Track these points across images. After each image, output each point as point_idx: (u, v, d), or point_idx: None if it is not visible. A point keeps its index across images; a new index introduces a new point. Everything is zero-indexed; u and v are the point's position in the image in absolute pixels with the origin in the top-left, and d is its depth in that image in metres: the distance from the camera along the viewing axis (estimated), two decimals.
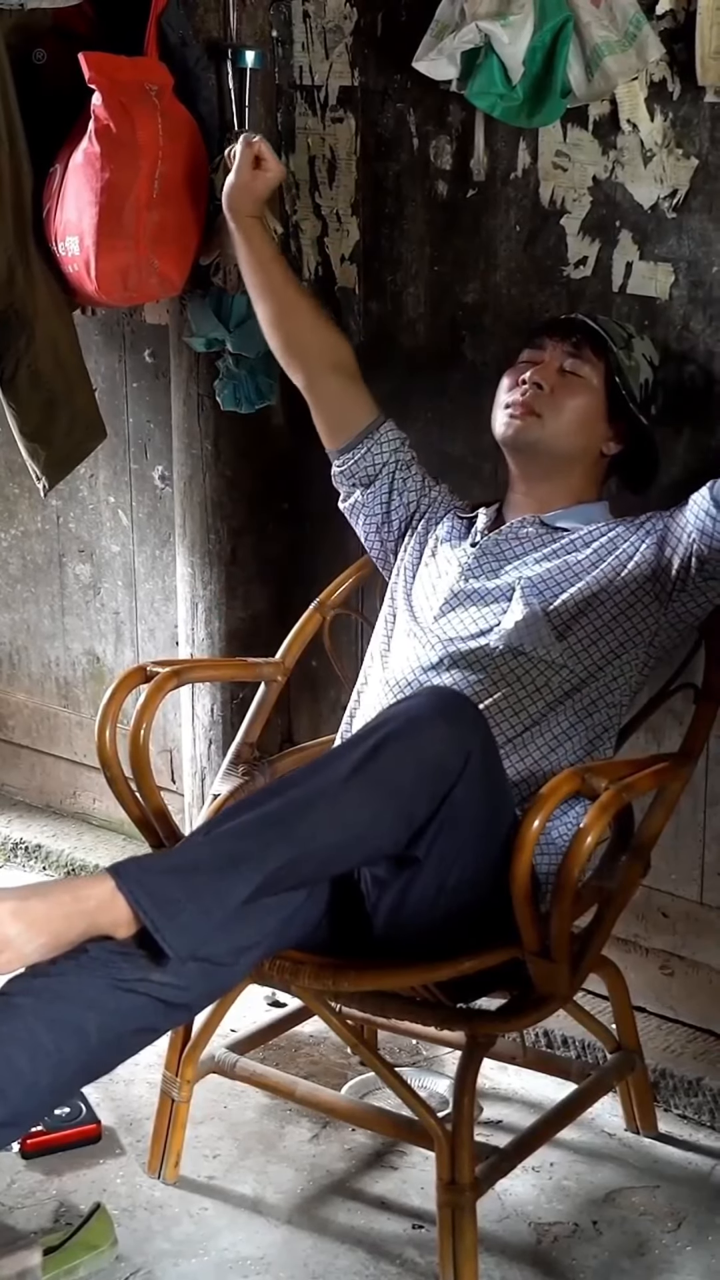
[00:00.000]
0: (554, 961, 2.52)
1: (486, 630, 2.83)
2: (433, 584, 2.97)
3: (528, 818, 2.45)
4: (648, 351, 2.91)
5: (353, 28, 3.28)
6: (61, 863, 4.02)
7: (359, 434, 3.07)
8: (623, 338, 2.88)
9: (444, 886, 2.50)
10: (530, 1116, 3.02)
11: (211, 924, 2.34)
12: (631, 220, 3.00)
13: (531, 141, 3.08)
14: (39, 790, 4.29)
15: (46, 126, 3.44)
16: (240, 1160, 2.98)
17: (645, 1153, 3.01)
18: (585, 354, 2.87)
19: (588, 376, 2.86)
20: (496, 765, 2.59)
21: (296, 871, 2.40)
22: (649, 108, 2.93)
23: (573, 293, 3.10)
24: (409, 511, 3.08)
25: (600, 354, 2.86)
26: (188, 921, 2.32)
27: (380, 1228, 2.81)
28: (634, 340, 2.89)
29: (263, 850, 2.36)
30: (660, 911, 3.22)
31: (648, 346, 2.92)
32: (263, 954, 2.50)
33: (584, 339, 2.87)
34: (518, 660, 2.77)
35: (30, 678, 4.23)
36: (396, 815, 2.42)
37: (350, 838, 2.42)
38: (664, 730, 3.07)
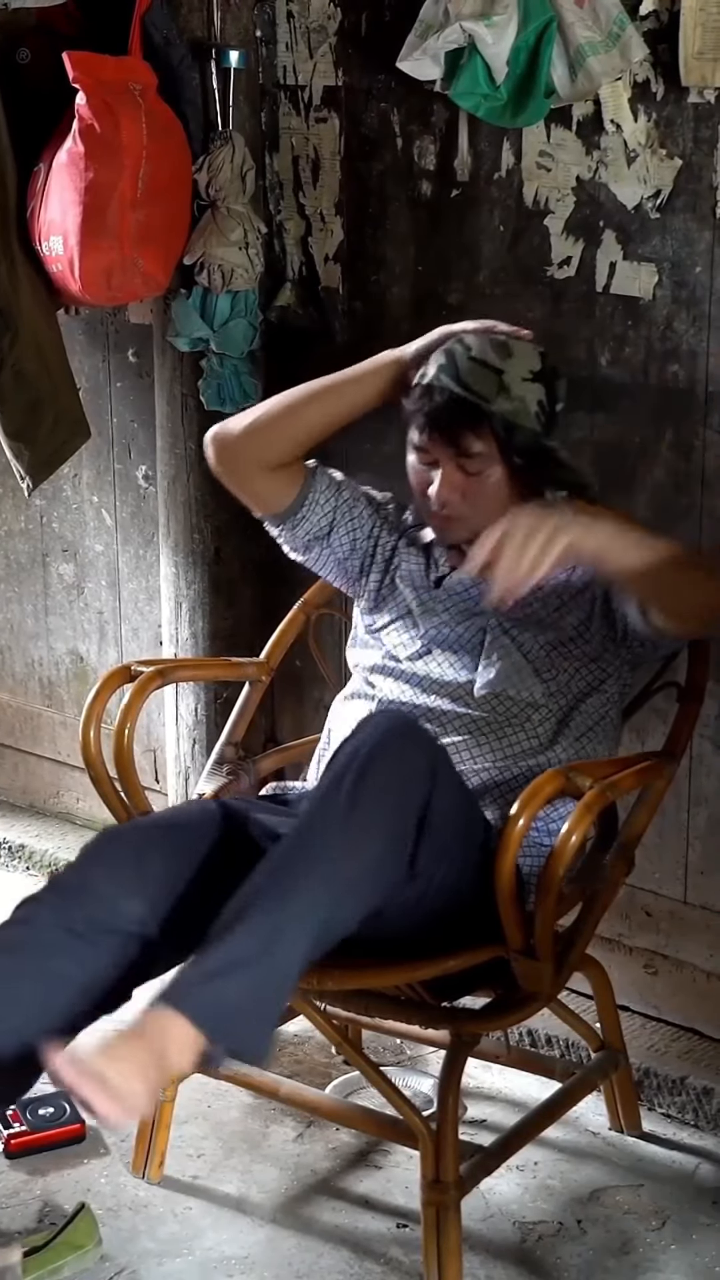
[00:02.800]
0: (538, 961, 2.52)
1: (466, 680, 2.78)
2: (404, 624, 2.88)
3: (513, 817, 2.45)
4: (527, 365, 2.67)
5: (337, 28, 3.28)
6: (45, 863, 4.01)
7: (297, 496, 2.88)
8: (494, 385, 2.63)
9: (427, 890, 2.50)
10: (514, 1115, 3.02)
11: (278, 1012, 2.38)
12: (615, 220, 3.00)
13: (515, 141, 3.08)
14: (22, 790, 4.29)
15: (30, 126, 3.44)
16: (224, 1160, 2.98)
17: (629, 1151, 3.02)
18: (470, 443, 2.65)
19: (485, 461, 2.67)
20: (455, 770, 2.63)
21: (330, 936, 2.39)
22: (632, 108, 2.94)
23: (556, 293, 3.10)
24: (368, 546, 2.92)
25: (484, 426, 2.64)
26: (263, 1028, 2.34)
27: (364, 1227, 2.81)
28: (507, 374, 2.64)
29: (295, 936, 2.33)
30: (644, 910, 3.23)
31: (525, 360, 2.67)
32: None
33: (462, 426, 2.64)
34: (503, 704, 2.74)
35: (14, 677, 4.22)
36: (396, 855, 2.43)
37: (362, 893, 2.40)
38: (648, 729, 3.07)
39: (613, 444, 3.10)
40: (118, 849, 2.58)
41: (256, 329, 3.42)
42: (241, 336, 3.39)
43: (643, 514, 3.03)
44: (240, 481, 2.89)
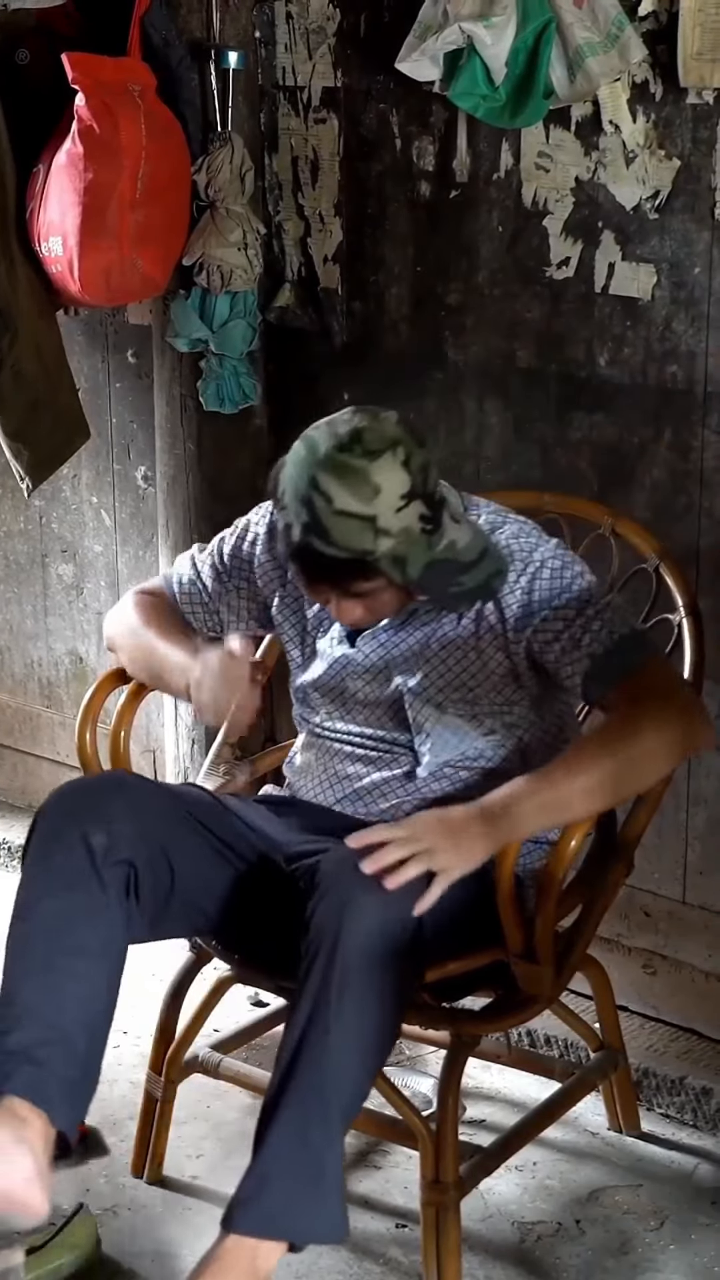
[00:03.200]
0: (538, 964, 2.52)
1: (403, 740, 2.69)
2: (323, 685, 2.77)
3: None
4: (396, 490, 2.41)
5: (335, 29, 3.28)
6: None
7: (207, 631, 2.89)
8: (370, 534, 2.40)
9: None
10: (513, 1115, 3.02)
11: (337, 1186, 2.39)
12: (614, 221, 3.01)
13: (514, 142, 3.08)
14: (21, 790, 4.29)
15: (29, 126, 3.44)
16: (224, 1160, 2.98)
17: (628, 1151, 3.02)
18: (359, 587, 2.49)
19: (379, 588, 2.50)
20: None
21: (362, 1092, 2.44)
22: (631, 109, 2.94)
23: (555, 293, 3.10)
24: (269, 617, 2.85)
25: (370, 570, 2.45)
26: (328, 1208, 2.37)
27: (364, 1227, 2.81)
28: (379, 517, 2.39)
29: (325, 1116, 2.36)
30: (643, 911, 3.23)
31: (392, 485, 2.41)
32: None
33: (341, 573, 2.47)
34: (454, 770, 2.68)
35: (13, 678, 4.23)
36: (401, 1006, 2.45)
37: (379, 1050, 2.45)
38: None
39: (611, 444, 3.10)
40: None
41: (255, 329, 3.43)
42: (240, 337, 3.39)
43: (641, 514, 3.03)
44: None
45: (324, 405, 3.41)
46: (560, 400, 3.15)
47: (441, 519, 2.48)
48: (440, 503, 2.47)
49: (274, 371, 3.51)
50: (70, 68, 3.17)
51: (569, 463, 3.16)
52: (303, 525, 2.42)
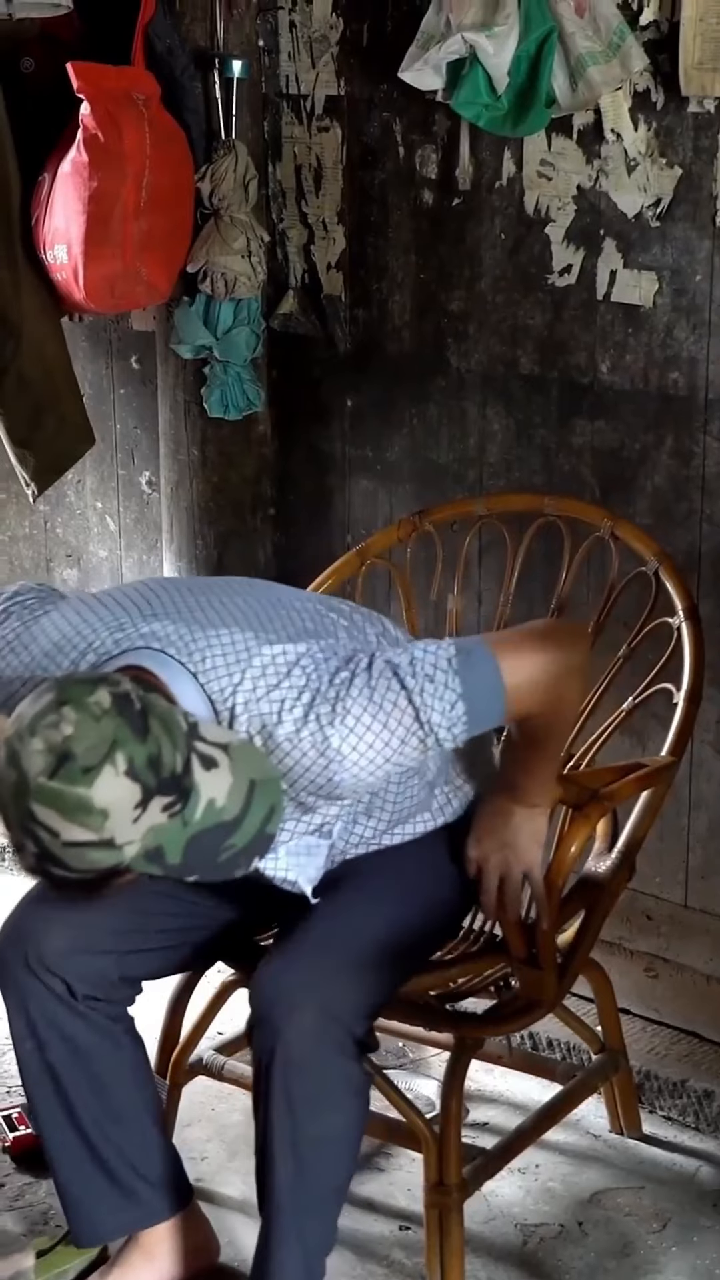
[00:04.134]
0: (541, 969, 2.54)
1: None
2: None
3: None
4: (126, 803, 2.06)
5: (339, 37, 3.30)
6: None
7: None
8: (112, 852, 2.07)
9: (421, 920, 2.55)
10: (516, 1118, 3.03)
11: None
12: (616, 229, 3.02)
13: (516, 150, 3.10)
14: None
15: (34, 134, 3.46)
16: (228, 1162, 3.00)
17: (630, 1154, 3.03)
18: (114, 886, 2.16)
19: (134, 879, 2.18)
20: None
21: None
22: (633, 117, 2.95)
23: (557, 301, 3.12)
24: None
25: (126, 871, 2.13)
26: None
27: (367, 1229, 2.82)
28: (114, 837, 2.06)
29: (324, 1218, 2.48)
30: (645, 914, 3.25)
31: (121, 801, 2.05)
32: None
33: (93, 886, 2.13)
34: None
35: None
36: (363, 1090, 2.47)
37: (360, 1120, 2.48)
38: (646, 732, 3.09)
39: (613, 450, 3.12)
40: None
41: (259, 336, 3.45)
42: (244, 344, 3.41)
43: (643, 520, 3.04)
44: None
45: (327, 411, 3.46)
46: (562, 406, 3.16)
47: (190, 789, 2.10)
48: (183, 773, 2.09)
49: (278, 378, 3.53)
50: (75, 77, 3.19)
51: (571, 468, 3.17)
52: (34, 855, 2.08)
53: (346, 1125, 2.45)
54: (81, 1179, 2.54)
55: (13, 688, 2.31)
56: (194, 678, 2.25)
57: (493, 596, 3.16)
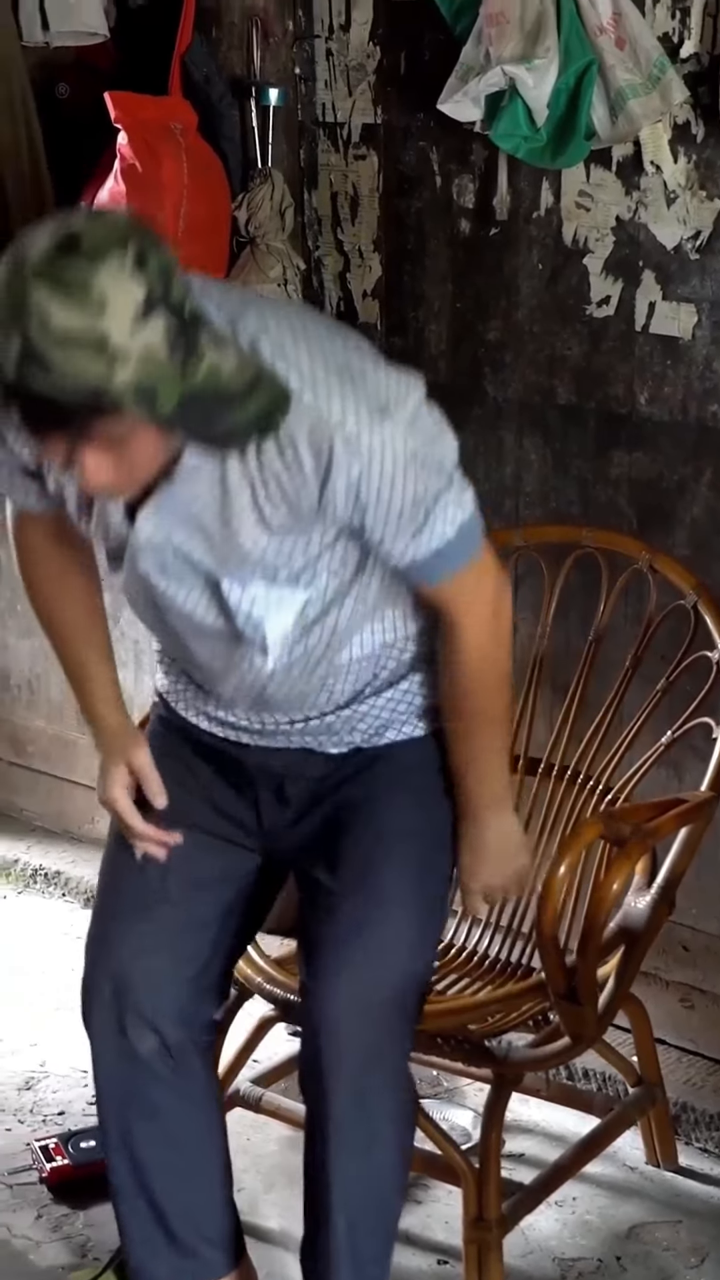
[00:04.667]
0: (581, 1006, 2.54)
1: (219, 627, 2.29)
2: (127, 587, 2.37)
3: (552, 866, 2.47)
4: (129, 299, 1.88)
5: (375, 66, 3.30)
6: (81, 889, 4.03)
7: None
8: (103, 361, 1.87)
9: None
10: (552, 1148, 3.04)
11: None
12: (654, 260, 3.02)
13: (554, 181, 3.10)
14: (57, 815, 4.31)
15: (70, 160, 3.48)
16: (264, 1194, 3.00)
17: (667, 1186, 3.03)
18: (99, 431, 1.96)
19: (128, 430, 1.98)
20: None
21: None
22: (672, 150, 2.95)
23: (595, 332, 3.11)
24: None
25: (112, 409, 1.92)
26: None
27: (405, 1262, 2.82)
28: (111, 336, 1.87)
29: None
30: (681, 945, 3.24)
31: (122, 294, 1.88)
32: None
33: (75, 416, 1.93)
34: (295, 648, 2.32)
35: (50, 704, 4.25)
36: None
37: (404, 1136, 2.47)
38: (684, 765, 3.09)
39: (651, 481, 3.11)
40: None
41: None
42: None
43: (681, 552, 3.04)
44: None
45: None
46: (600, 437, 3.16)
47: (197, 339, 1.94)
48: (194, 320, 1.94)
49: None
50: (113, 107, 3.20)
51: (608, 499, 3.17)
52: (17, 358, 1.88)
53: (398, 1162, 2.44)
54: (144, 1235, 2.53)
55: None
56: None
57: (529, 626, 3.15)
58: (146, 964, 2.47)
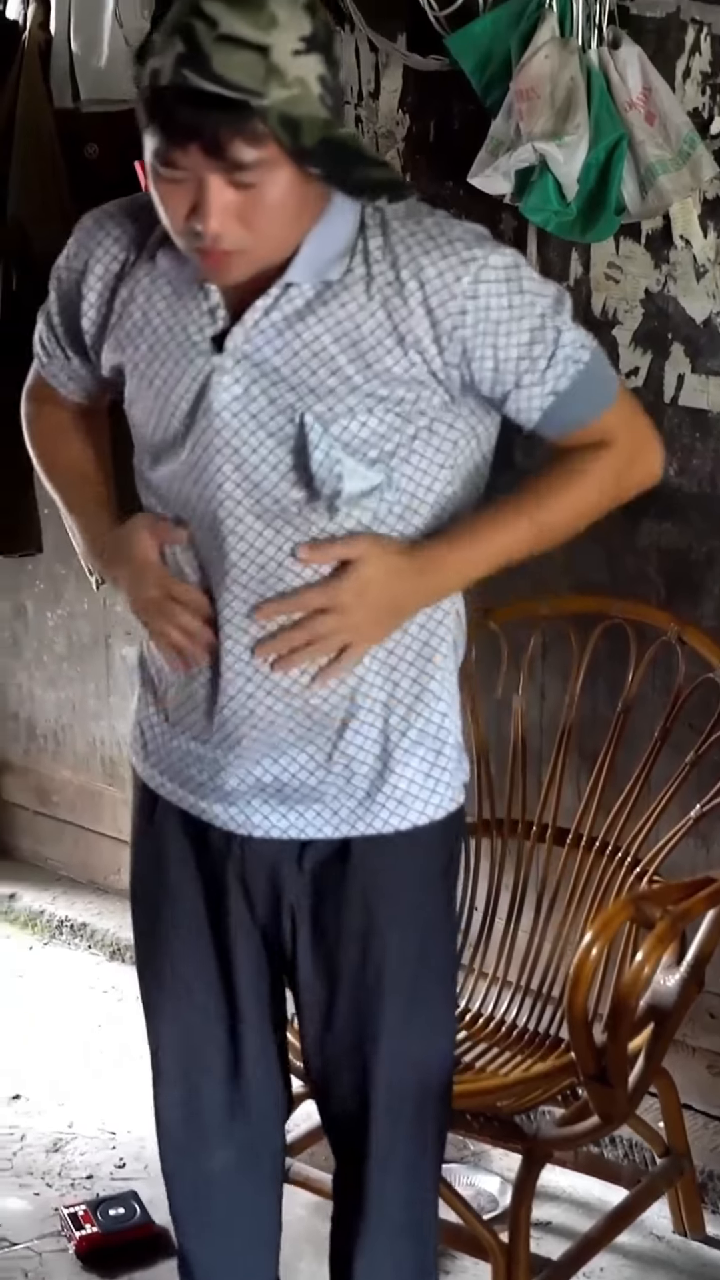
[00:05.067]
0: (611, 1086, 2.54)
1: (278, 493, 2.09)
2: (165, 410, 2.14)
3: (585, 948, 2.48)
4: (296, 30, 1.91)
5: (405, 134, 3.30)
6: (106, 942, 4.04)
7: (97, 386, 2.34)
8: (261, 70, 1.87)
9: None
10: (579, 1217, 3.04)
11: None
12: (684, 333, 3.02)
13: (584, 252, 3.11)
14: (82, 865, 4.32)
15: None
16: (294, 1261, 2.99)
17: (694, 1256, 3.03)
18: (241, 152, 1.90)
19: (264, 169, 1.93)
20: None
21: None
22: (702, 224, 2.96)
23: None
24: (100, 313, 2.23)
25: (257, 127, 1.89)
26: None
27: None
28: (274, 50, 1.88)
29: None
30: (708, 1013, 3.24)
31: (292, 22, 1.91)
32: None
33: (227, 132, 1.89)
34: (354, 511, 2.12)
35: (76, 755, 4.26)
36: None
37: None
38: (713, 836, 3.09)
39: (680, 552, 3.12)
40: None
41: None
42: None
43: (710, 624, 3.04)
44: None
45: None
46: (629, 507, 3.11)
47: (342, 95, 2.00)
48: (340, 85, 2.00)
49: None
50: (143, 176, 3.19)
51: (637, 568, 3.17)
52: (175, 57, 1.86)
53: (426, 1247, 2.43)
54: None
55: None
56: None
57: (557, 692, 3.16)
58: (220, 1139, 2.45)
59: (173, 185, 1.96)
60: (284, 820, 2.23)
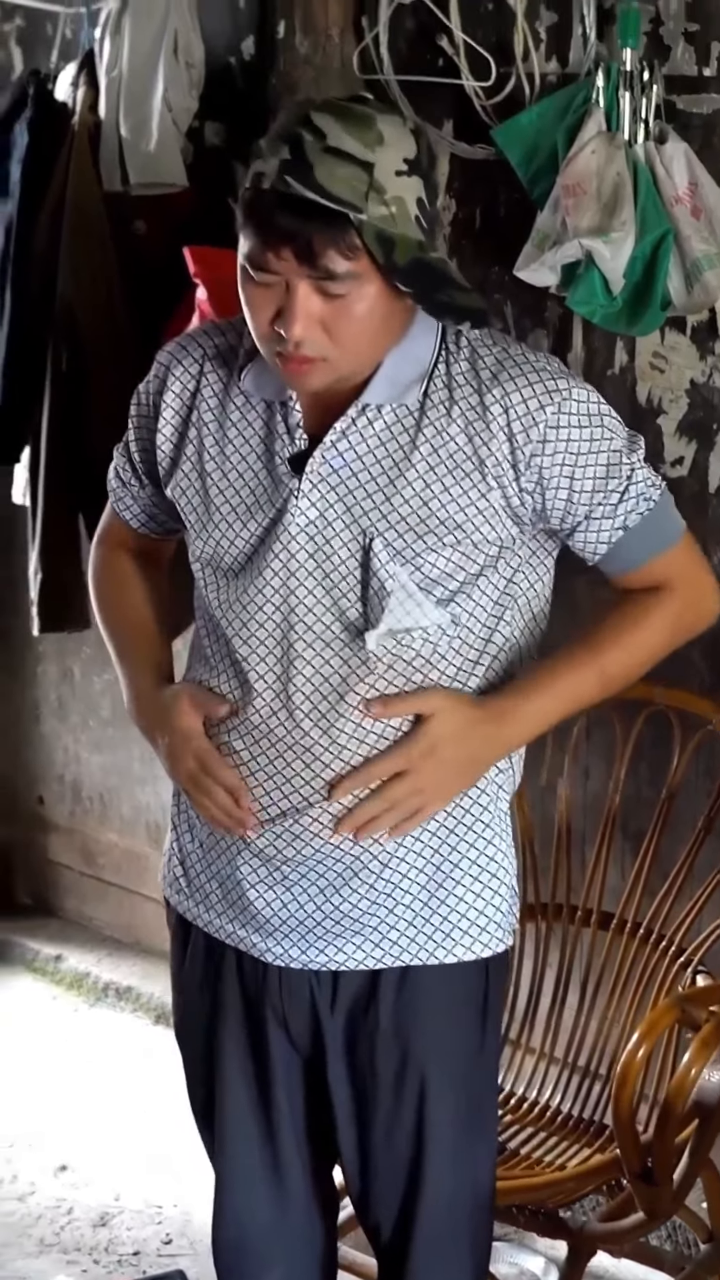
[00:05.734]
0: (658, 1185, 2.56)
1: (339, 615, 2.11)
2: (237, 523, 2.17)
3: (631, 1050, 2.50)
4: (400, 151, 1.98)
5: (451, 219, 3.33)
6: (152, 1006, 4.08)
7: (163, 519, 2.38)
8: (364, 185, 1.93)
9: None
10: None
11: None
12: None
13: (629, 342, 3.12)
14: (127, 926, 4.36)
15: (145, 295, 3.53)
16: None
17: None
18: (335, 262, 1.95)
19: (354, 282, 1.98)
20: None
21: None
22: None
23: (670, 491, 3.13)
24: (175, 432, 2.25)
25: (353, 240, 1.95)
26: None
27: None
28: (377, 168, 1.94)
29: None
30: None
31: (397, 144, 1.98)
32: None
33: (323, 241, 1.94)
34: (401, 646, 2.12)
35: (121, 819, 4.30)
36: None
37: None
38: None
39: None
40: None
41: None
42: None
43: None
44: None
45: None
46: None
47: (437, 219, 2.08)
48: (438, 209, 2.07)
49: None
50: (192, 262, 3.24)
51: (681, 655, 3.14)
52: (280, 164, 1.94)
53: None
54: None
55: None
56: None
57: (601, 775, 3.18)
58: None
59: (262, 289, 2.01)
60: (321, 955, 2.22)
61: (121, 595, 2.43)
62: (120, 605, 2.43)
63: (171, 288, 3.43)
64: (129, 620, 2.42)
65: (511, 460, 2.08)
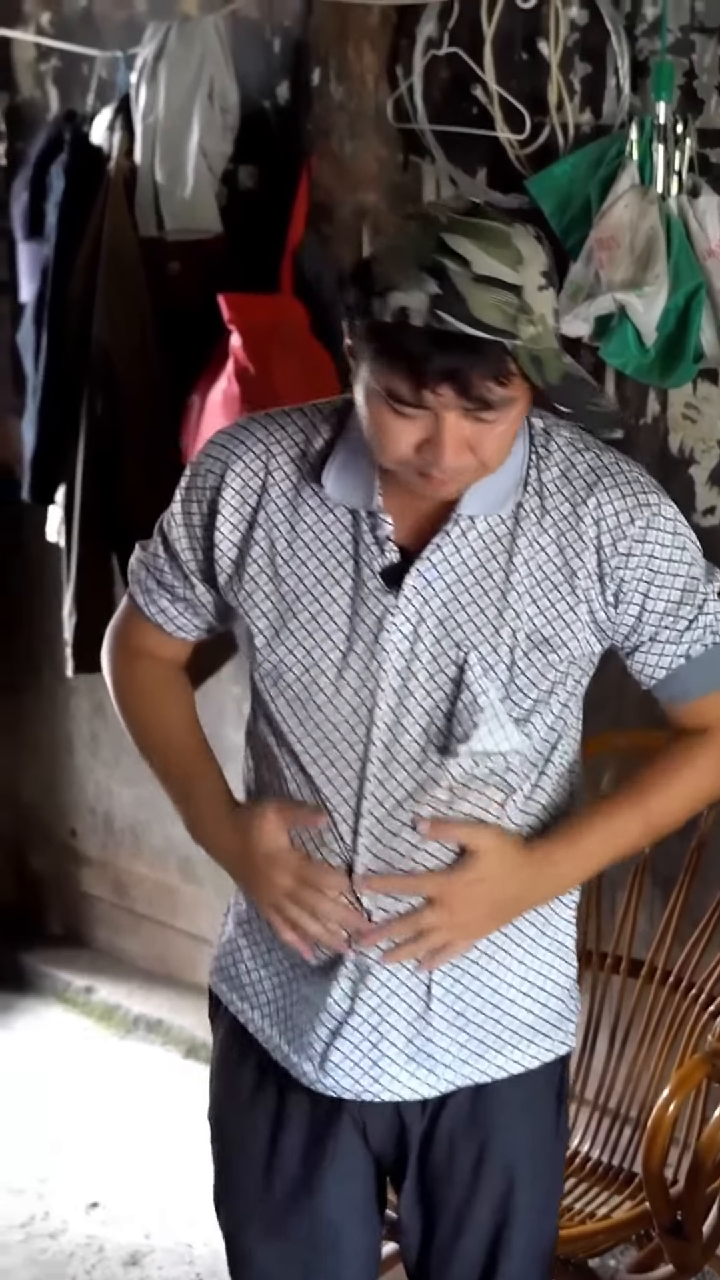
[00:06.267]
0: (688, 1240, 2.57)
1: (427, 736, 2.05)
2: (318, 634, 2.07)
3: (662, 1104, 2.51)
4: (538, 266, 1.89)
5: None
6: (182, 1039, 4.10)
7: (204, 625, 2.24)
8: (514, 310, 1.85)
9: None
10: None
11: None
12: None
13: (661, 392, 3.14)
14: (159, 959, 4.38)
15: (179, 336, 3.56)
16: None
17: None
18: (493, 393, 1.88)
19: (507, 405, 1.91)
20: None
21: None
22: None
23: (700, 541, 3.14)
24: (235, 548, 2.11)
25: (509, 368, 1.86)
26: None
27: None
28: (525, 290, 1.86)
29: None
30: None
31: (534, 259, 1.89)
32: None
33: (482, 375, 1.86)
34: (479, 766, 2.07)
35: (152, 850, 4.32)
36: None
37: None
38: None
39: None
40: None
41: None
42: None
43: None
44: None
45: None
46: None
47: (558, 316, 1.97)
48: (558, 315, 1.95)
49: None
50: (226, 308, 3.27)
51: None
52: (431, 299, 1.83)
53: None
54: None
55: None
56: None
57: None
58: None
59: (406, 420, 1.91)
60: (376, 1084, 2.14)
61: (159, 713, 2.34)
62: (160, 725, 2.34)
63: (205, 333, 3.46)
64: (174, 743, 2.34)
65: (599, 573, 2.04)
